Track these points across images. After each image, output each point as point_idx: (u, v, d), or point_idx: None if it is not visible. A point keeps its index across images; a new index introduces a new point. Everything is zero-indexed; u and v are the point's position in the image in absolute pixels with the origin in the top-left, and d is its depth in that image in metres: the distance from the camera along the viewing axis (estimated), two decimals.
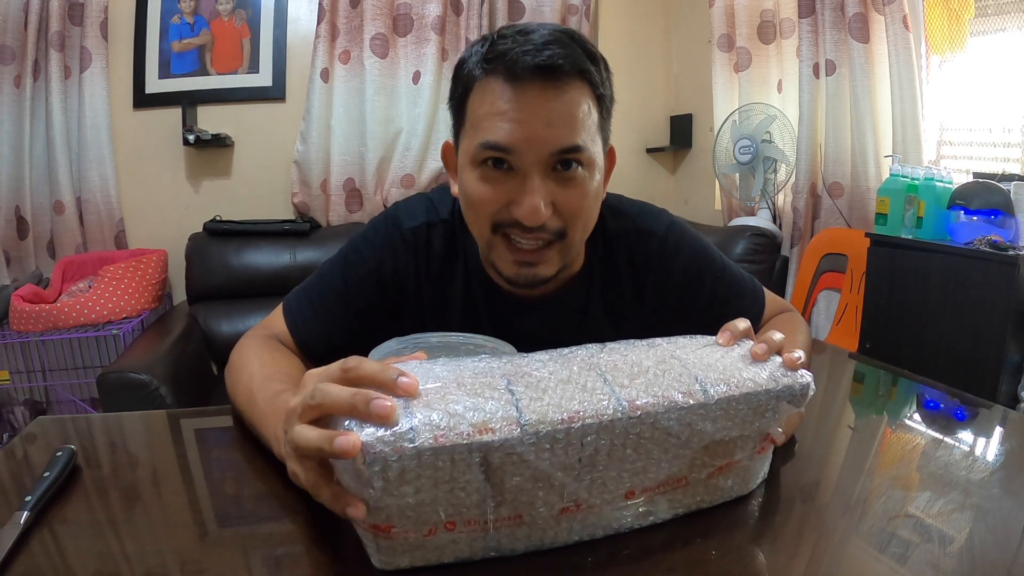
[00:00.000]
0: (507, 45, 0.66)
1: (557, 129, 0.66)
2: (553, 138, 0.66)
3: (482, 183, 0.69)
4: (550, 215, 0.69)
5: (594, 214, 0.75)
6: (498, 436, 0.42)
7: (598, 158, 0.72)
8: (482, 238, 0.74)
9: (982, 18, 1.97)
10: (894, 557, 0.48)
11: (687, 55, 3.04)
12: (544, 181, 0.68)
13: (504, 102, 0.66)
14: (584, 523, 0.48)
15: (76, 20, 2.44)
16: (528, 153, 0.67)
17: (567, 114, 0.67)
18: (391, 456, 0.41)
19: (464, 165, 0.71)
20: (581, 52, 0.67)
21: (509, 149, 0.67)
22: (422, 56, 2.67)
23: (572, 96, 0.67)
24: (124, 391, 1.76)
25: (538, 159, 0.67)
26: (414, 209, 0.84)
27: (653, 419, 0.47)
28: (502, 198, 0.69)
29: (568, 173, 0.69)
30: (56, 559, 0.48)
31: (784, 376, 0.52)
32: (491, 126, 0.67)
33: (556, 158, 0.68)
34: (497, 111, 0.67)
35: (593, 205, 0.73)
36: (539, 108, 0.66)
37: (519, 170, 0.68)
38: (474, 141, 0.69)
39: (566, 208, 0.70)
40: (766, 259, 2.37)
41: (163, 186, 2.65)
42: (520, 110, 0.66)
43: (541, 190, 0.67)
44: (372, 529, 0.44)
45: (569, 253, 0.74)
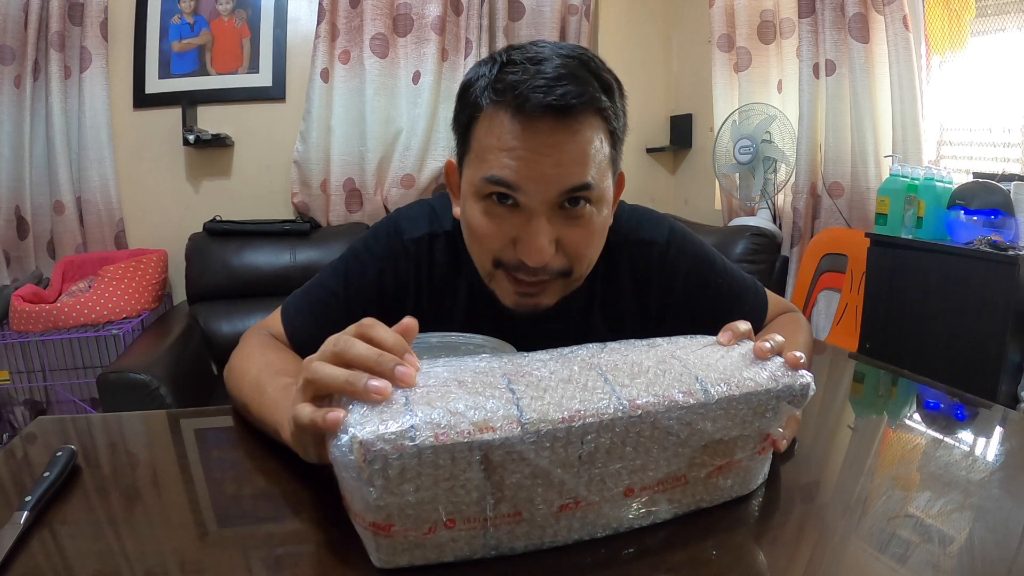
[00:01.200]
0: (517, 76, 0.63)
1: (567, 168, 0.64)
2: (562, 177, 0.64)
3: (486, 217, 0.67)
4: (554, 254, 0.67)
5: (598, 250, 0.73)
6: (499, 435, 0.42)
7: (608, 193, 0.69)
8: (483, 268, 0.72)
9: (982, 18, 1.97)
10: (894, 557, 0.48)
11: (687, 55, 3.04)
12: (551, 220, 0.66)
13: (512, 138, 0.63)
14: (584, 521, 0.48)
15: (76, 20, 2.44)
16: (536, 192, 0.64)
17: (578, 153, 0.64)
18: (392, 454, 0.41)
19: (468, 194, 0.69)
20: (596, 85, 0.64)
21: (516, 187, 0.64)
22: (422, 56, 2.67)
23: (584, 134, 0.64)
24: (124, 391, 1.76)
25: (545, 198, 0.65)
26: (416, 218, 0.82)
27: (653, 418, 0.47)
28: (506, 235, 0.67)
29: (576, 211, 0.67)
30: (56, 559, 0.48)
31: (784, 376, 0.52)
32: (497, 161, 0.64)
33: (564, 197, 0.65)
34: (505, 146, 0.64)
35: (599, 241, 0.71)
36: (550, 147, 0.63)
37: (525, 208, 0.65)
38: (479, 173, 0.66)
39: (572, 247, 0.68)
40: (766, 259, 2.37)
41: (163, 186, 2.65)
42: (529, 148, 0.63)
43: (547, 230, 0.65)
44: (372, 527, 0.44)
45: (572, 287, 0.73)
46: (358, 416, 0.42)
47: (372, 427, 0.41)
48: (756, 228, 2.40)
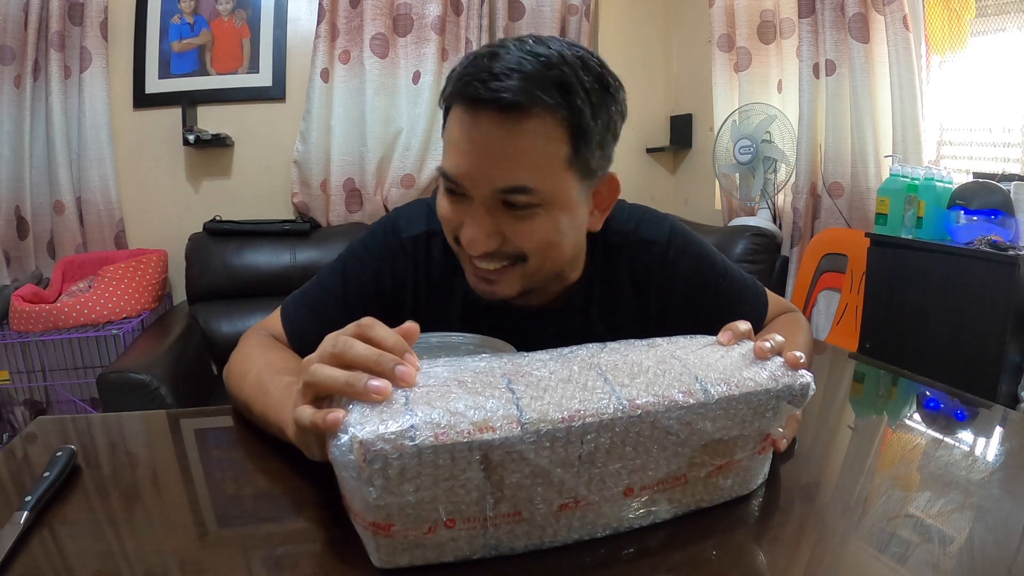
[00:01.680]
0: (468, 70, 0.63)
1: (499, 167, 0.63)
2: (497, 176, 0.64)
3: (445, 203, 0.70)
4: (495, 247, 0.67)
5: (561, 247, 0.71)
6: (499, 434, 0.42)
7: (564, 195, 0.67)
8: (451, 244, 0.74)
9: (982, 18, 1.97)
10: (894, 557, 0.48)
11: (687, 55, 3.04)
12: (491, 212, 0.66)
13: (459, 131, 0.65)
14: (583, 521, 0.48)
15: (76, 20, 2.44)
16: (472, 188, 0.66)
17: (517, 151, 0.63)
18: (392, 454, 0.41)
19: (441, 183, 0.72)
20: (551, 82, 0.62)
21: (456, 181, 0.66)
22: (422, 56, 2.67)
23: (526, 134, 0.62)
24: (124, 391, 1.76)
25: (481, 194, 0.65)
26: (414, 217, 0.83)
27: (653, 418, 0.47)
28: (456, 219, 0.69)
29: (519, 211, 0.66)
30: (56, 559, 0.48)
31: (784, 376, 0.52)
32: (447, 154, 0.67)
33: (500, 196, 0.65)
34: (453, 139, 0.66)
35: (559, 241, 0.70)
36: (486, 143, 0.63)
37: (470, 199, 0.67)
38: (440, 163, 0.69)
39: (520, 240, 0.67)
40: (766, 259, 2.37)
41: (163, 186, 2.65)
42: (469, 142, 0.64)
43: (484, 221, 0.66)
44: (372, 527, 0.44)
45: (533, 277, 0.71)
46: (358, 416, 0.42)
47: (372, 427, 0.41)
48: (756, 228, 2.40)
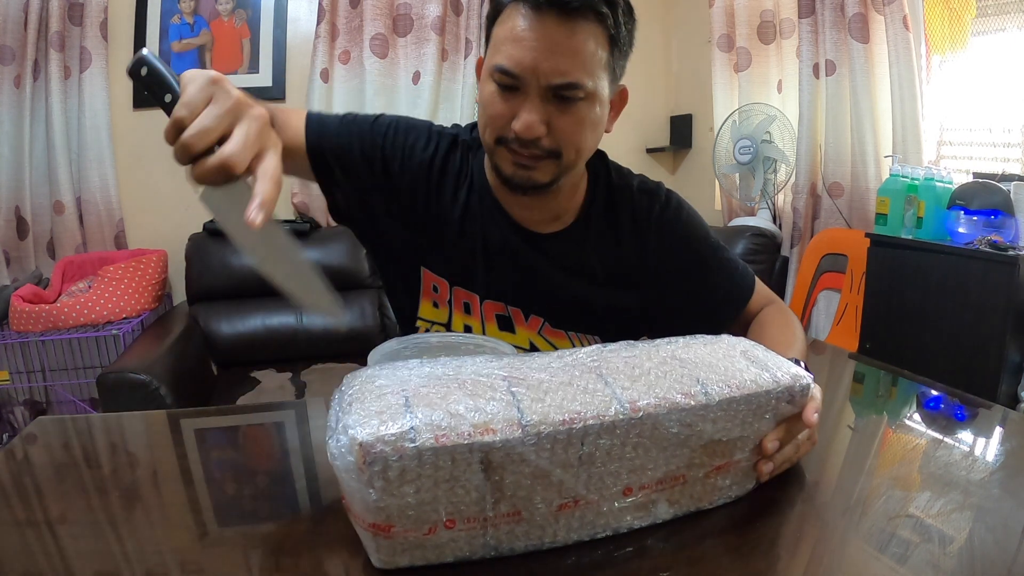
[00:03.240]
0: None
1: (558, 62, 0.72)
2: (554, 71, 0.72)
3: (494, 96, 0.76)
4: (545, 133, 0.75)
5: (589, 142, 0.80)
6: (499, 436, 0.42)
7: (601, 92, 0.77)
8: (488, 144, 0.80)
9: (982, 18, 1.97)
10: (894, 557, 0.48)
11: (687, 55, 3.04)
12: (543, 103, 0.74)
13: (520, 29, 0.73)
14: (583, 521, 0.48)
15: (76, 20, 2.44)
16: (530, 79, 0.73)
17: (572, 50, 0.72)
18: (392, 456, 0.41)
19: (484, 78, 0.79)
20: None
21: (515, 75, 0.73)
22: (422, 56, 2.67)
23: (581, 34, 0.72)
24: (124, 391, 1.76)
25: (538, 86, 0.73)
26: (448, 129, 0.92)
27: (654, 420, 0.47)
28: (507, 112, 0.75)
29: (567, 104, 0.74)
30: (56, 559, 0.48)
31: (785, 377, 0.52)
32: (505, 51, 0.74)
33: (554, 90, 0.73)
34: (513, 37, 0.73)
35: (590, 134, 0.78)
36: (548, 39, 0.71)
37: (523, 90, 0.74)
38: (492, 61, 0.76)
39: (561, 131, 0.75)
40: (766, 259, 2.37)
41: (163, 186, 2.65)
42: (531, 39, 0.72)
43: (538, 110, 0.74)
44: (372, 528, 0.44)
45: (564, 170, 0.79)
46: (358, 417, 0.42)
47: (371, 429, 0.41)
48: (756, 228, 2.40)
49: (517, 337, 0.90)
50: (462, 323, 0.90)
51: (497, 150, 0.79)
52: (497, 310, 0.89)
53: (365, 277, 2.58)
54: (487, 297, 0.88)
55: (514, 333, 0.90)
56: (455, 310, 0.90)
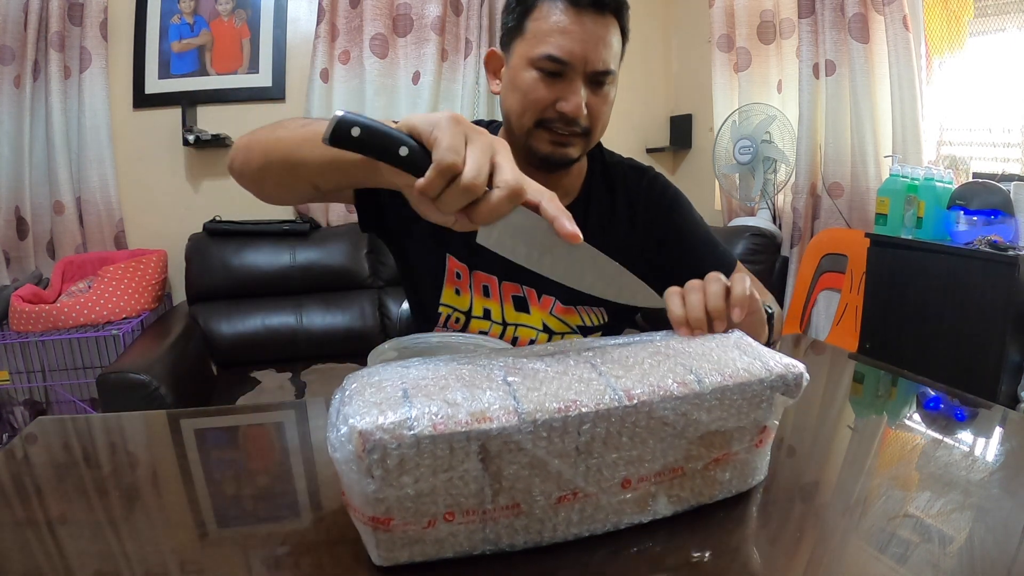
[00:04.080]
0: None
1: (600, 52, 0.84)
2: (598, 59, 0.84)
3: (537, 82, 0.86)
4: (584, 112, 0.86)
5: (608, 120, 0.92)
6: (496, 424, 0.43)
7: (616, 80, 0.90)
8: (523, 128, 0.89)
9: (982, 18, 1.97)
10: (894, 557, 0.48)
11: (687, 55, 3.04)
12: (584, 86, 0.86)
13: (565, 22, 0.84)
14: (582, 514, 0.49)
15: (76, 20, 2.44)
16: (579, 66, 0.84)
17: (608, 41, 0.85)
18: (391, 444, 0.41)
19: (520, 66, 0.87)
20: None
21: (565, 62, 0.84)
22: (422, 56, 2.67)
23: (611, 28, 0.85)
24: (124, 391, 1.76)
25: (583, 72, 0.85)
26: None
27: (649, 408, 0.47)
28: (552, 96, 0.86)
29: (600, 88, 0.87)
30: (56, 559, 0.48)
31: (777, 366, 0.52)
32: (554, 42, 0.84)
33: (595, 76, 0.85)
34: (559, 29, 0.84)
35: (609, 112, 0.92)
36: (592, 33, 0.83)
37: (567, 76, 0.85)
38: (536, 49, 0.85)
39: (594, 111, 0.88)
40: (766, 259, 2.37)
41: (163, 186, 2.65)
42: (577, 30, 0.83)
43: (583, 93, 0.86)
44: (371, 522, 0.44)
45: (588, 146, 0.92)
46: (357, 408, 0.43)
47: (371, 418, 0.42)
48: (756, 228, 2.40)
49: (531, 317, 0.96)
50: (482, 307, 0.95)
51: (536, 132, 0.88)
52: (514, 291, 0.95)
53: (365, 277, 2.58)
54: (504, 278, 0.94)
55: (529, 313, 0.96)
56: (475, 294, 0.95)
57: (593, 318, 0.98)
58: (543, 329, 0.96)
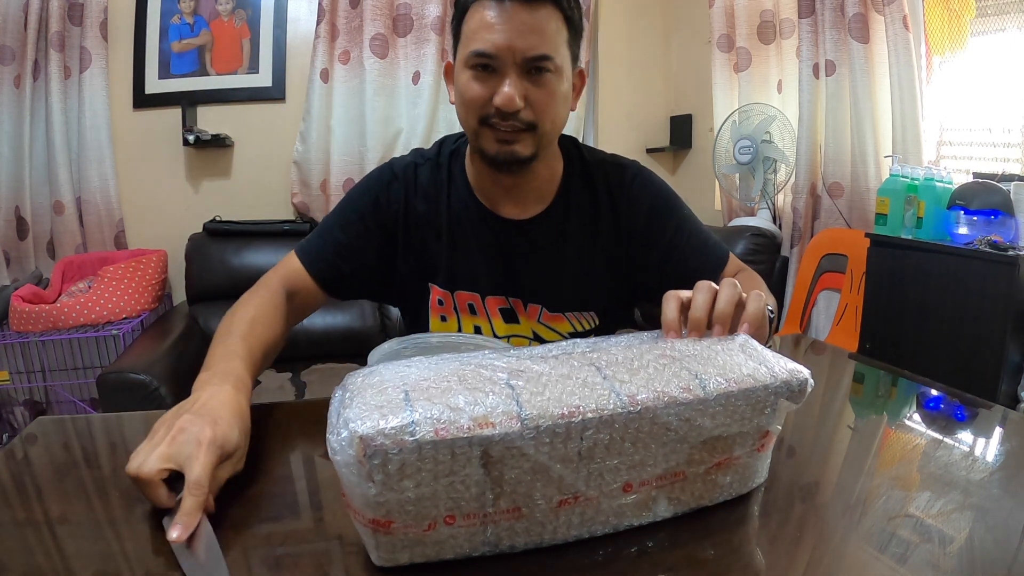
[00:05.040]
0: None
1: (529, 39, 0.81)
2: (526, 47, 0.81)
3: (472, 81, 0.84)
4: (523, 107, 0.83)
5: (561, 114, 0.88)
6: (498, 430, 0.42)
7: (566, 66, 0.86)
8: (471, 129, 0.87)
9: (982, 18, 1.97)
10: (894, 557, 0.48)
11: (687, 55, 3.04)
12: (519, 79, 0.83)
13: (490, 17, 0.82)
14: (583, 517, 0.48)
15: (76, 20, 2.44)
16: (507, 57, 0.81)
17: (539, 28, 0.81)
18: (392, 449, 0.41)
19: (459, 71, 0.87)
20: None
21: (492, 55, 0.82)
22: (422, 56, 2.67)
23: (543, 15, 0.82)
24: (124, 391, 1.77)
25: (513, 62, 0.82)
26: (403, 157, 1.00)
27: (653, 414, 0.47)
28: (487, 92, 0.83)
29: (540, 78, 0.83)
30: (56, 559, 0.48)
31: (783, 372, 0.52)
32: (479, 38, 0.82)
33: (529, 63, 0.82)
34: (484, 25, 0.82)
35: (560, 105, 0.87)
36: (516, 22, 0.81)
37: (499, 71, 0.83)
38: (466, 50, 0.84)
39: (536, 103, 0.84)
40: (766, 259, 2.37)
41: (163, 186, 2.65)
42: (502, 23, 0.81)
43: (516, 85, 0.82)
44: (372, 525, 0.44)
45: (541, 141, 0.87)
46: (358, 411, 0.43)
47: (372, 422, 0.41)
48: (756, 228, 2.40)
49: (521, 327, 0.95)
50: (471, 325, 0.94)
51: (481, 132, 0.86)
52: (500, 304, 0.94)
53: None
54: (488, 293, 0.94)
55: (519, 323, 0.95)
56: (462, 315, 0.94)
57: (584, 323, 0.96)
58: (534, 338, 0.95)
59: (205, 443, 0.53)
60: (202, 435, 0.54)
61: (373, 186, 0.96)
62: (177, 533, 0.47)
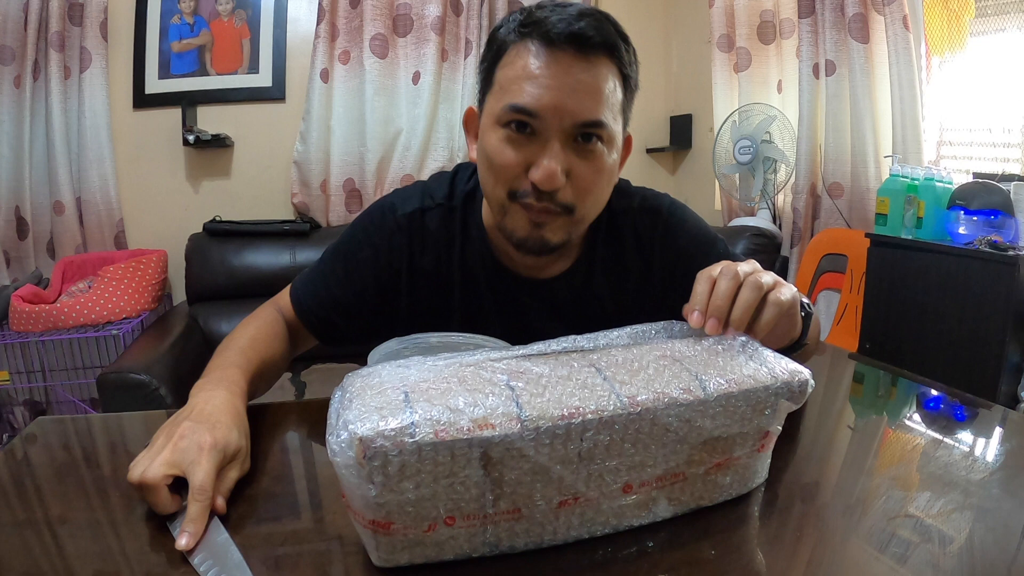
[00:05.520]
0: (544, 14, 0.68)
1: (583, 100, 0.67)
2: (578, 109, 0.67)
3: (504, 144, 0.70)
4: (564, 184, 0.70)
5: (604, 194, 0.75)
6: (498, 432, 0.42)
7: (618, 137, 0.73)
8: (496, 201, 0.74)
9: (982, 18, 1.97)
10: (894, 557, 0.48)
11: (687, 55, 3.04)
12: (564, 149, 0.69)
13: (535, 67, 0.67)
14: (583, 518, 0.48)
15: (76, 20, 2.44)
16: (552, 119, 0.68)
17: (594, 87, 0.68)
18: (392, 451, 0.41)
19: (487, 126, 0.72)
20: (613, 30, 0.69)
21: (534, 114, 0.68)
22: (422, 56, 2.67)
23: (600, 70, 0.68)
24: (124, 391, 1.76)
25: (561, 127, 0.68)
26: (408, 196, 0.86)
27: (653, 415, 0.47)
28: (522, 161, 0.70)
29: (588, 146, 0.70)
30: (56, 559, 0.48)
31: (783, 373, 0.52)
32: (519, 89, 0.68)
33: (579, 130, 0.69)
34: (527, 75, 0.68)
35: (606, 183, 0.74)
36: (568, 76, 0.67)
37: (541, 135, 0.69)
38: (501, 102, 0.70)
39: (580, 181, 0.70)
40: (766, 259, 2.37)
41: (163, 186, 2.65)
42: (550, 76, 0.67)
43: (560, 156, 0.68)
44: (371, 526, 0.44)
45: (576, 228, 0.75)
46: (357, 413, 0.42)
47: (371, 424, 0.41)
48: (756, 228, 2.40)
49: None
50: None
51: (510, 207, 0.73)
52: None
53: None
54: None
55: None
56: None
57: None
58: None
59: (207, 448, 0.53)
60: (203, 440, 0.54)
61: (373, 236, 0.84)
62: (185, 541, 0.47)
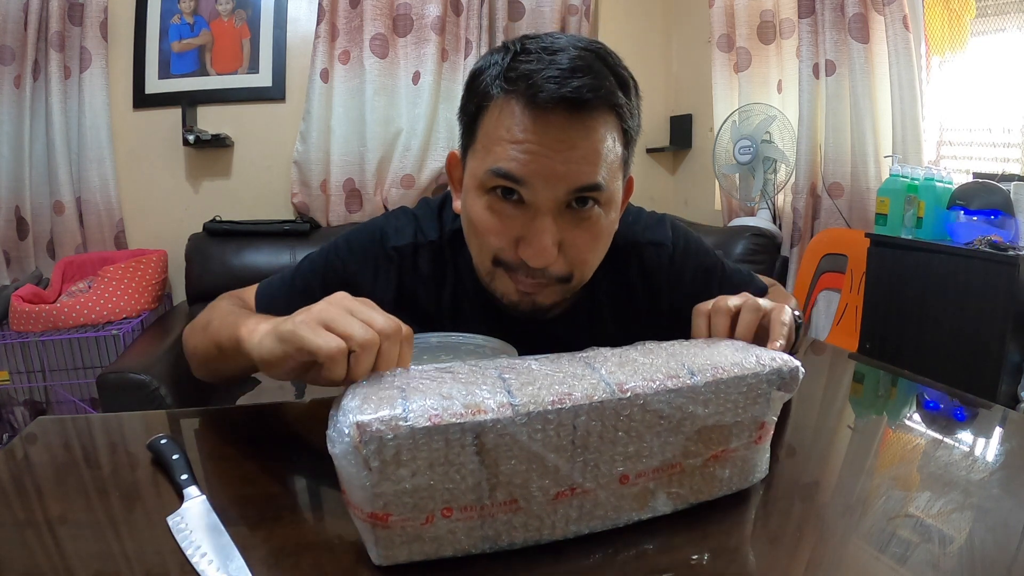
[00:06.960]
0: (531, 65, 0.60)
1: (577, 166, 0.61)
2: (572, 175, 0.61)
3: (489, 213, 0.64)
4: (557, 257, 0.64)
5: (602, 255, 0.70)
6: (490, 416, 0.44)
7: (617, 195, 0.67)
8: (482, 266, 0.69)
9: (982, 18, 1.97)
10: (894, 557, 0.48)
11: (687, 55, 3.04)
12: (556, 220, 0.63)
13: (521, 130, 0.60)
14: (581, 511, 0.49)
15: (76, 20, 2.44)
16: (544, 189, 0.61)
17: (590, 150, 0.61)
18: (387, 435, 0.42)
19: (470, 187, 0.66)
20: (612, 80, 0.62)
21: (523, 182, 0.61)
22: (422, 56, 2.67)
23: (598, 131, 0.61)
24: (124, 391, 1.76)
25: (554, 196, 0.62)
26: (402, 228, 0.80)
27: (643, 400, 0.48)
28: (510, 232, 0.64)
29: (583, 212, 0.64)
30: (56, 559, 0.48)
31: (772, 360, 0.53)
32: (505, 153, 0.61)
33: (572, 196, 0.63)
34: (513, 138, 0.61)
35: (604, 246, 0.69)
36: (561, 143, 0.60)
37: (531, 205, 0.63)
38: (484, 164, 0.63)
39: (574, 251, 0.65)
40: (766, 259, 2.37)
41: (163, 186, 2.65)
42: (539, 142, 0.60)
43: (552, 230, 0.62)
44: (370, 519, 0.44)
45: (571, 291, 0.71)
46: (355, 404, 0.44)
47: (368, 410, 0.43)
48: (756, 228, 2.40)
49: None
50: None
51: (496, 273, 0.68)
52: None
53: None
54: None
55: None
56: None
57: None
58: None
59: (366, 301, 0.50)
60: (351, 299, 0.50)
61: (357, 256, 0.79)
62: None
